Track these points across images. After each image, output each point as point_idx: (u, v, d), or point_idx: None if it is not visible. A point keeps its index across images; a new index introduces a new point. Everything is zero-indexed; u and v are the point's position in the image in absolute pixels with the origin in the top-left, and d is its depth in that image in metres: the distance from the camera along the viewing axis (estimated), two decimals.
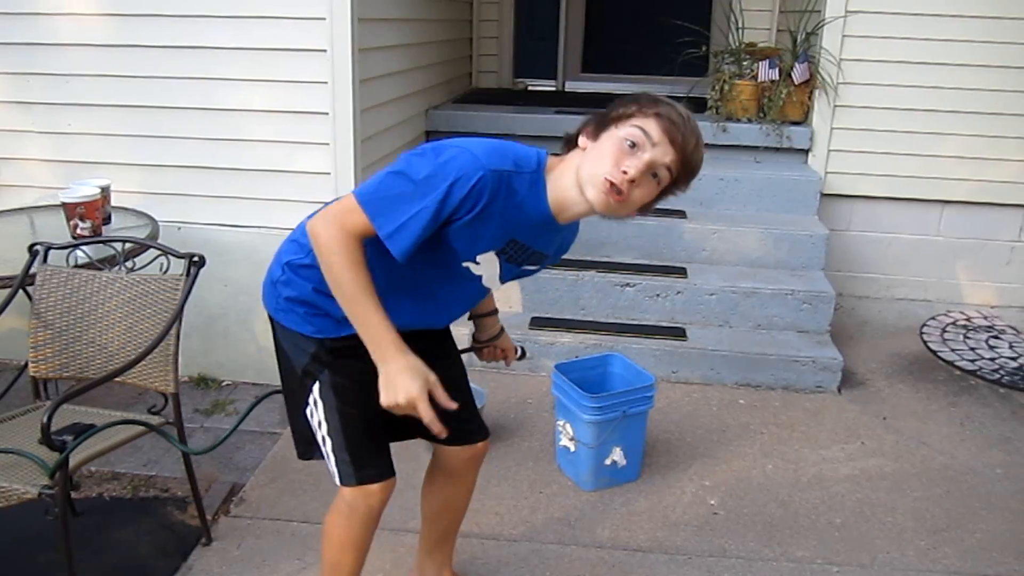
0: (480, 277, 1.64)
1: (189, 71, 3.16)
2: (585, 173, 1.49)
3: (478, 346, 2.01)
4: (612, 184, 1.46)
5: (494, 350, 2.01)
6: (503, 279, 1.69)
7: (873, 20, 3.76)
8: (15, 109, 3.32)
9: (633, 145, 1.46)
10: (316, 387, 1.70)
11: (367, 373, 1.66)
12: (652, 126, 1.46)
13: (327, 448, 1.71)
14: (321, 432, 1.71)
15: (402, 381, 1.46)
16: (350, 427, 1.70)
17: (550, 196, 1.55)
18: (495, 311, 1.98)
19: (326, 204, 1.60)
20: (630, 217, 1.57)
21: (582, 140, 1.54)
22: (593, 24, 5.75)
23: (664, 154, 1.47)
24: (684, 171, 1.51)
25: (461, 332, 1.98)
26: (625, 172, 1.46)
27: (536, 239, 1.63)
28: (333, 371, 1.69)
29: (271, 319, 1.75)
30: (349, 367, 1.68)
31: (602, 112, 1.54)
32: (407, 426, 1.87)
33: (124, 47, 3.17)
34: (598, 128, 1.52)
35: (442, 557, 2.11)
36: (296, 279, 1.66)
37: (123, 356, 2.20)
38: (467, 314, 1.94)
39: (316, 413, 1.71)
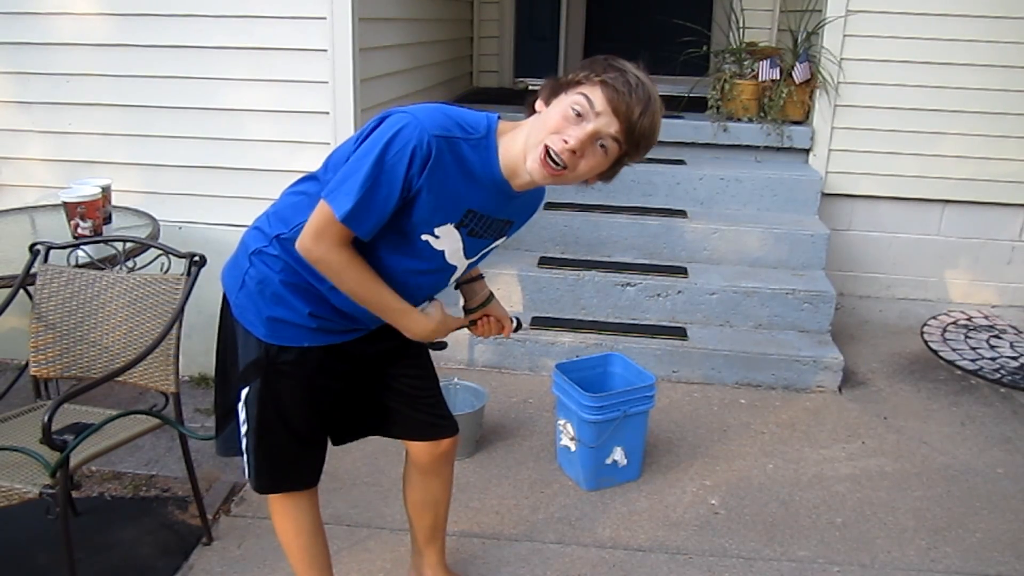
0: (442, 253, 1.59)
1: (189, 71, 3.16)
2: (531, 140, 1.46)
3: (471, 317, 1.89)
4: (548, 153, 1.42)
5: (488, 321, 1.87)
6: (468, 254, 1.65)
7: (874, 19, 3.76)
8: (15, 109, 3.32)
9: (580, 114, 1.41)
10: (246, 390, 1.70)
11: (298, 394, 1.72)
12: (597, 95, 1.41)
13: (242, 446, 1.75)
14: (242, 431, 1.74)
15: (427, 325, 1.66)
16: (263, 440, 1.73)
17: (502, 162, 1.51)
18: (481, 276, 1.90)
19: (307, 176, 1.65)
20: (587, 184, 1.54)
21: (538, 104, 1.50)
22: (593, 24, 5.75)
23: (608, 124, 1.42)
24: (631, 141, 1.44)
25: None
26: (566, 141, 1.41)
27: (494, 207, 1.58)
28: (264, 384, 1.69)
29: (228, 304, 1.72)
30: (281, 386, 1.70)
31: (558, 78, 1.48)
32: (362, 426, 1.90)
33: (124, 47, 3.17)
34: (552, 92, 1.47)
35: (434, 555, 2.11)
36: (266, 269, 1.64)
37: (125, 356, 2.20)
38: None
39: (241, 412, 1.73)
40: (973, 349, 3.67)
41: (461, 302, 1.90)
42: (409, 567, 2.20)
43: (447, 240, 1.58)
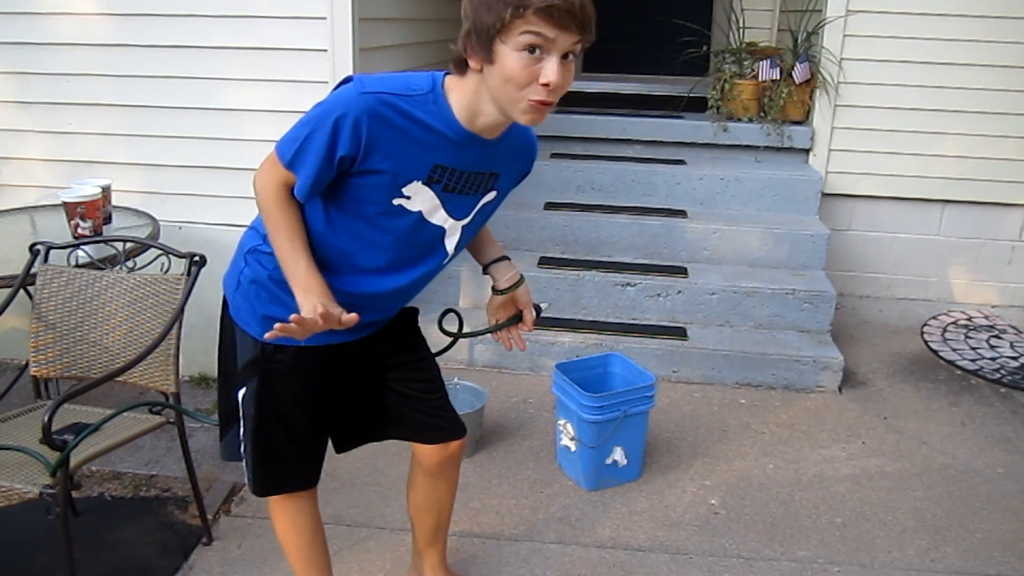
0: (419, 213, 1.55)
1: (189, 71, 3.16)
2: (504, 101, 1.40)
3: (499, 294, 1.81)
4: (540, 102, 1.38)
5: (509, 332, 1.83)
6: (455, 214, 1.59)
7: (874, 19, 3.76)
8: (15, 109, 3.32)
9: (533, 49, 1.34)
10: (243, 391, 1.70)
11: (295, 393, 1.71)
12: (541, 25, 1.32)
13: (243, 447, 1.75)
14: (241, 432, 1.74)
15: (307, 300, 1.48)
16: (261, 440, 1.72)
17: (460, 115, 1.47)
18: (506, 257, 1.83)
19: None
20: None
21: (473, 63, 1.41)
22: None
23: (566, 40, 1.34)
24: (586, 34, 1.38)
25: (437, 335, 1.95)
26: (546, 84, 1.36)
27: (467, 161, 1.53)
28: (261, 383, 1.68)
29: (227, 306, 1.72)
30: (277, 385, 1.69)
31: (474, 24, 1.37)
32: (365, 430, 1.89)
33: (124, 47, 3.18)
34: (483, 47, 1.37)
35: (435, 556, 2.11)
36: (259, 268, 1.64)
37: (125, 356, 2.20)
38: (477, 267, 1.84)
39: (242, 411, 1.73)
40: (973, 349, 3.67)
41: (490, 284, 1.85)
42: (409, 567, 2.20)
43: (419, 199, 1.53)
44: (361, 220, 1.54)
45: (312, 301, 1.46)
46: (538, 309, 1.88)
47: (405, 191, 1.51)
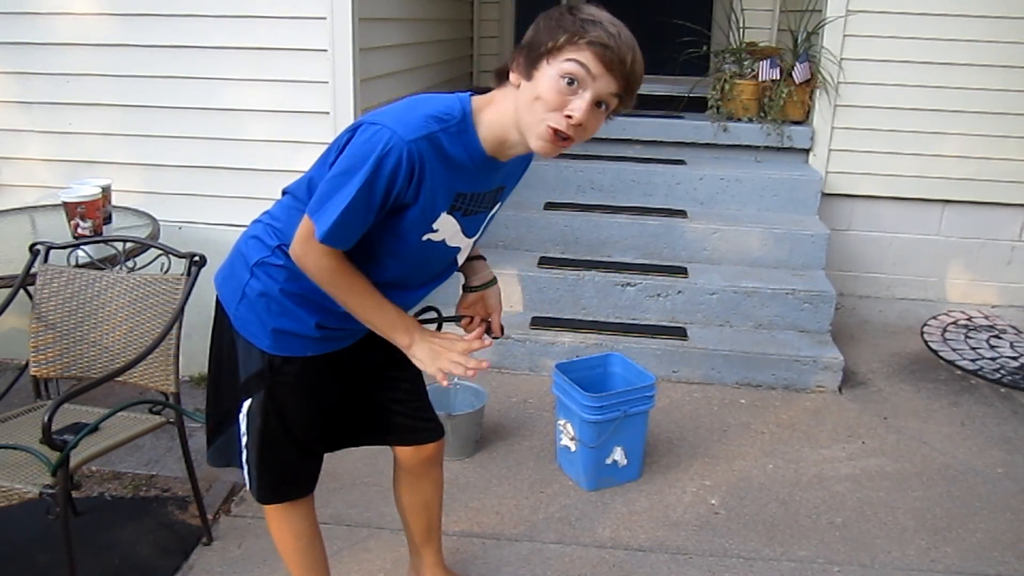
0: (443, 241, 1.57)
1: (189, 71, 3.16)
2: (526, 121, 1.38)
3: (470, 291, 1.81)
4: (556, 131, 1.37)
5: (479, 310, 1.81)
6: (469, 233, 1.62)
7: (874, 19, 3.76)
8: (15, 109, 3.32)
9: (572, 82, 1.34)
10: (248, 402, 1.68)
11: (302, 404, 1.71)
12: (588, 58, 1.32)
13: (243, 458, 1.74)
14: (243, 442, 1.73)
15: (434, 357, 1.57)
16: (267, 451, 1.72)
17: (484, 140, 1.46)
18: (481, 256, 1.83)
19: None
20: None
21: (513, 77, 1.41)
22: None
23: (607, 85, 1.34)
24: (628, 91, 1.38)
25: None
26: (570, 116, 1.35)
27: (482, 183, 1.54)
28: (268, 395, 1.67)
29: (225, 315, 1.69)
30: (285, 397, 1.68)
31: (530, 41, 1.39)
32: (353, 435, 1.88)
33: (124, 47, 3.17)
34: (529, 63, 1.37)
35: (432, 556, 2.11)
36: (269, 281, 1.61)
37: (125, 356, 2.20)
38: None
39: (243, 423, 1.71)
40: (973, 349, 3.67)
41: (462, 281, 1.85)
42: (408, 568, 2.20)
43: (444, 229, 1.55)
44: (386, 252, 1.54)
45: (444, 358, 1.56)
46: (502, 329, 1.85)
47: (434, 225, 1.52)
